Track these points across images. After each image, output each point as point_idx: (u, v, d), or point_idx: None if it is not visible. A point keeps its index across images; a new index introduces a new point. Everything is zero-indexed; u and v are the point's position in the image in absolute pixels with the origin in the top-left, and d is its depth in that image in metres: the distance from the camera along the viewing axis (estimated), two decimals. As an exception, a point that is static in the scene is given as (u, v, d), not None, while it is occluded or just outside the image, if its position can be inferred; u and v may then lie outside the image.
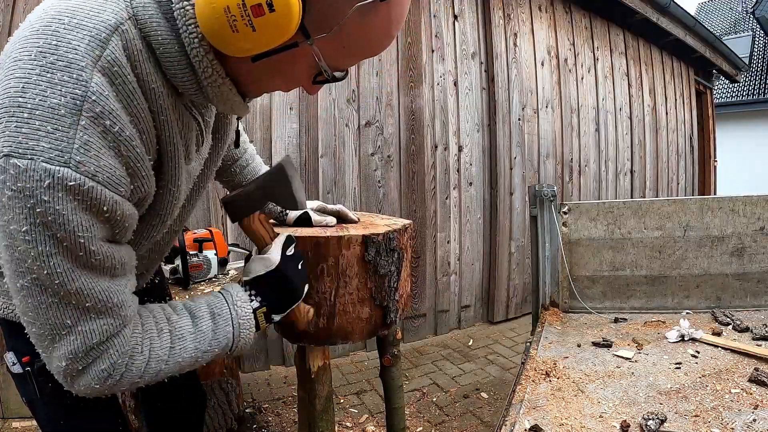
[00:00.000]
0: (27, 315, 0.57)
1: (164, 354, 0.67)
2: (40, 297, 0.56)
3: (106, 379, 0.62)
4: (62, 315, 0.57)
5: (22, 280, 0.55)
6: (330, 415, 1.02)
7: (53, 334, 0.58)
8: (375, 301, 0.94)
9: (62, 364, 0.59)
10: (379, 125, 3.14)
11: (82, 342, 0.59)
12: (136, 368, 0.64)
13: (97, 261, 0.57)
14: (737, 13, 17.58)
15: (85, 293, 0.58)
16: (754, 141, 13.41)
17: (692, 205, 1.95)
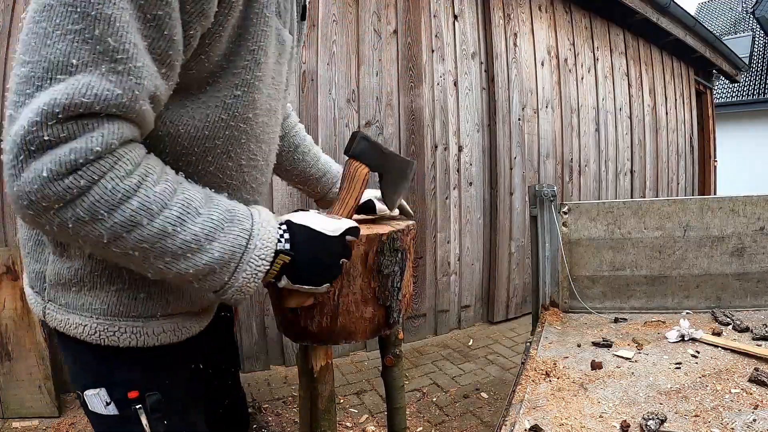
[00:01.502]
0: (27, 48, 0.47)
1: (154, 203, 0.52)
2: (61, 18, 0.46)
3: (66, 174, 0.47)
4: (72, 50, 0.47)
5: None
6: (332, 414, 1.02)
7: (44, 77, 0.46)
8: (378, 301, 0.95)
9: (28, 120, 0.45)
10: (379, 125, 3.14)
11: (71, 92, 0.46)
12: (112, 189, 0.49)
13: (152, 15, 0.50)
14: (737, 13, 17.59)
15: (117, 30, 0.48)
16: (754, 141, 13.42)
17: (692, 205, 1.96)
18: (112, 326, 0.64)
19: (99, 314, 0.64)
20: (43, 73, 0.46)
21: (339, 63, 2.95)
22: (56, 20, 0.46)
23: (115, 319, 0.65)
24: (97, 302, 0.64)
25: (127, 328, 0.65)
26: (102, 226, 0.50)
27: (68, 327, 0.65)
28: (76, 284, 0.64)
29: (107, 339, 0.65)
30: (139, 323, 0.66)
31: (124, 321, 0.65)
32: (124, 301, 0.65)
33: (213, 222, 0.56)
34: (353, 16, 3.01)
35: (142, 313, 0.66)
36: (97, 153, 0.48)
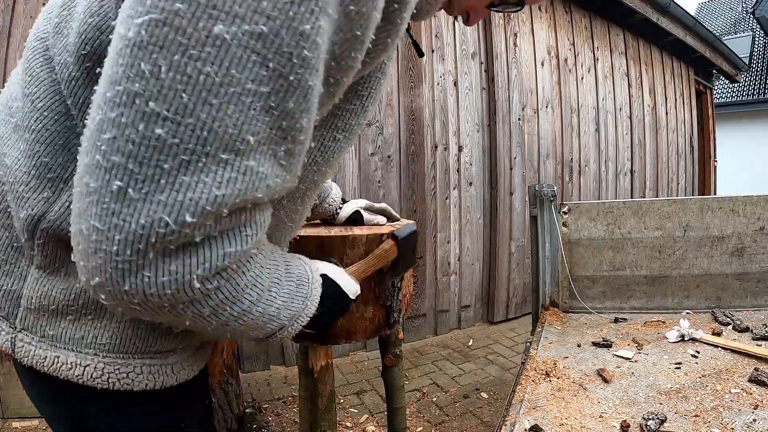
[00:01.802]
0: (168, 95, 0.33)
1: (264, 290, 0.47)
2: (241, 70, 0.34)
3: (216, 275, 0.39)
4: (248, 121, 0.35)
5: (226, 25, 0.33)
6: (332, 414, 1.02)
7: (199, 153, 0.34)
8: (379, 301, 0.94)
9: (175, 218, 0.34)
10: (379, 125, 3.14)
11: (245, 186, 0.36)
12: (244, 283, 0.43)
13: (335, 79, 0.41)
14: (737, 13, 17.59)
15: (310, 106, 0.38)
16: (754, 141, 13.42)
17: (692, 205, 1.96)
18: (126, 366, 0.51)
19: (107, 351, 0.50)
20: (197, 145, 0.34)
21: (339, 63, 2.95)
22: (231, 69, 0.34)
23: (129, 356, 0.51)
24: (104, 335, 0.50)
25: (144, 368, 0.52)
26: (216, 319, 0.43)
27: (56, 367, 0.50)
28: (73, 311, 0.50)
29: (118, 383, 0.51)
30: (157, 360, 0.53)
31: (140, 358, 0.52)
32: (141, 334, 0.51)
33: (289, 295, 0.53)
34: (353, 16, 3.01)
35: (161, 348, 0.53)
36: (246, 252, 0.41)
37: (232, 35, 0.33)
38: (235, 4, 0.33)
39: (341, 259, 0.91)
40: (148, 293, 0.37)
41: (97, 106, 0.35)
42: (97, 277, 0.37)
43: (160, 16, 0.32)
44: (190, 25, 0.32)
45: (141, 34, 0.33)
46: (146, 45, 0.33)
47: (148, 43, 0.33)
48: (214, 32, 0.32)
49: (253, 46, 0.34)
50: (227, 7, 0.32)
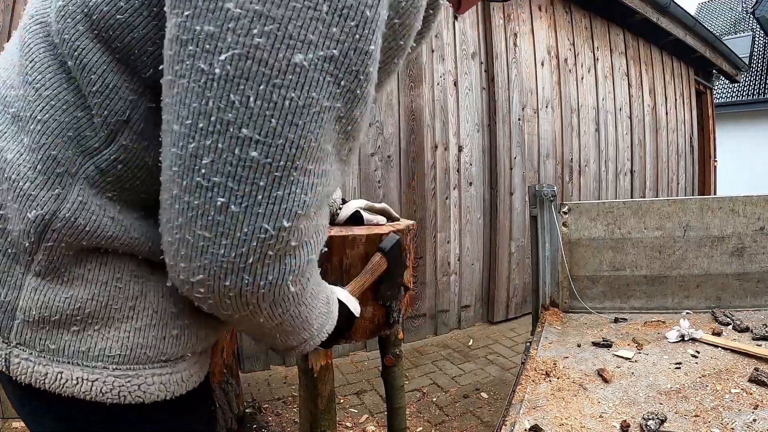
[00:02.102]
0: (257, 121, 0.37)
1: (310, 296, 0.51)
2: (318, 91, 0.38)
3: (300, 276, 0.44)
4: (325, 133, 0.40)
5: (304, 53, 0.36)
6: (332, 414, 1.02)
7: (289, 168, 0.38)
8: (378, 301, 0.95)
9: (280, 225, 0.39)
10: (379, 125, 3.14)
11: (323, 187, 0.41)
12: (308, 287, 0.48)
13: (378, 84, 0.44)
14: (737, 13, 17.59)
15: (368, 110, 0.43)
16: (754, 141, 13.42)
17: (692, 205, 1.96)
18: (137, 377, 0.49)
19: (117, 363, 0.48)
20: (287, 161, 0.38)
21: (339, 63, 2.95)
22: (311, 92, 0.37)
23: (140, 367, 0.49)
24: (114, 346, 0.48)
25: (155, 377, 0.50)
26: (277, 319, 0.47)
27: (59, 383, 0.47)
28: (78, 321, 0.47)
29: (129, 396, 0.48)
30: (168, 369, 0.52)
31: (150, 368, 0.50)
32: (151, 342, 0.50)
33: (320, 309, 0.57)
34: (353, 16, 3.01)
35: (172, 355, 0.52)
36: (315, 246, 0.44)
37: (309, 61, 0.37)
38: (309, 32, 0.36)
39: (341, 259, 0.91)
40: (244, 290, 0.41)
41: (184, 134, 0.39)
42: (200, 274, 0.41)
43: (243, 51, 0.36)
44: (271, 56, 0.36)
45: (227, 68, 0.36)
46: (233, 78, 0.36)
47: (235, 77, 0.36)
48: (294, 61, 0.36)
49: (327, 69, 0.38)
50: (302, 36, 0.36)
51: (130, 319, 0.49)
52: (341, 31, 0.37)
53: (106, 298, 0.48)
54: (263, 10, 0.35)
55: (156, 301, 0.51)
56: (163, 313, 0.51)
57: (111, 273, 0.49)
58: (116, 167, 0.47)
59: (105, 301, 0.48)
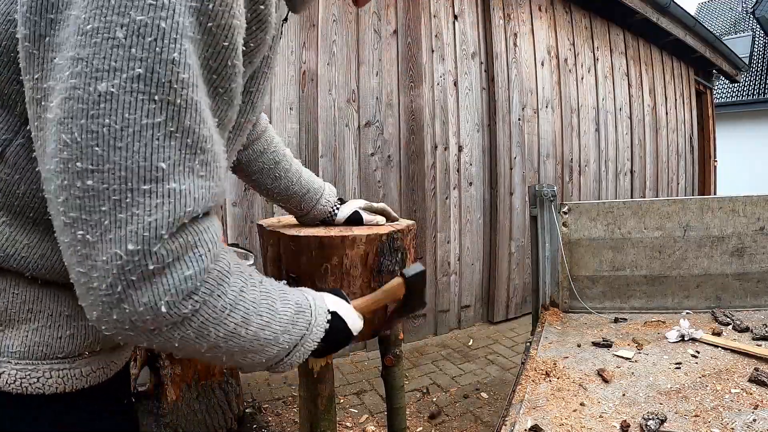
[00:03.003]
0: (86, 152, 0.39)
1: (252, 313, 0.52)
2: (132, 112, 0.39)
3: (186, 297, 0.44)
4: (155, 150, 0.40)
5: (109, 81, 0.38)
6: (332, 415, 1.02)
7: (124, 190, 0.40)
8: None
9: (124, 250, 0.40)
10: (379, 125, 3.14)
11: (172, 206, 0.41)
12: (221, 306, 0.48)
13: (224, 88, 0.46)
14: (737, 13, 17.59)
15: (203, 116, 0.43)
16: (754, 141, 13.42)
17: (692, 205, 1.96)
18: (36, 371, 0.55)
19: (18, 358, 0.54)
20: (120, 184, 0.40)
21: (339, 63, 2.95)
22: (124, 114, 0.39)
23: (38, 362, 0.55)
24: (15, 343, 0.54)
25: (53, 372, 0.57)
26: (205, 342, 0.48)
27: None
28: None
29: (30, 387, 0.55)
30: (65, 365, 0.58)
31: (48, 364, 0.56)
32: (47, 341, 0.56)
33: (288, 319, 0.58)
34: (353, 16, 3.01)
35: (68, 353, 0.58)
36: (207, 262, 0.45)
37: (117, 86, 0.39)
38: (111, 60, 0.39)
39: (341, 259, 0.91)
40: (132, 320, 0.43)
41: (47, 180, 0.43)
42: (95, 312, 0.43)
43: (65, 94, 0.39)
44: (85, 91, 0.39)
45: (57, 112, 0.40)
46: (62, 120, 0.40)
47: (64, 118, 0.40)
48: (102, 90, 0.39)
49: (137, 88, 0.39)
50: (106, 66, 0.39)
51: (28, 320, 0.55)
52: (142, 50, 0.39)
53: (5, 303, 0.54)
54: (74, 54, 0.39)
55: (50, 305, 0.56)
56: (57, 316, 0.57)
57: (8, 281, 0.54)
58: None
59: (5, 306, 0.54)
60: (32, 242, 0.54)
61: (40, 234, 0.54)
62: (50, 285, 0.56)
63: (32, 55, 0.43)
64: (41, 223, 0.54)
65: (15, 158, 0.51)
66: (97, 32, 0.38)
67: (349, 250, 0.90)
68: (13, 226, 0.53)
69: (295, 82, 2.80)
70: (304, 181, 1.04)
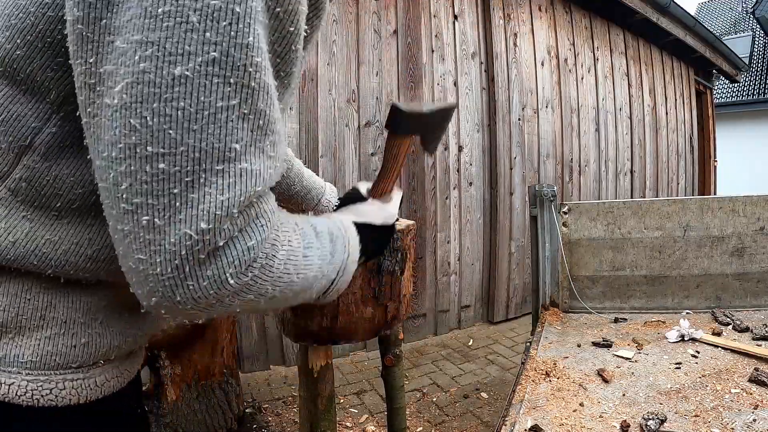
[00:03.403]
0: (158, 135, 0.39)
1: (300, 259, 0.52)
2: (207, 95, 0.39)
3: (248, 267, 0.44)
4: (230, 132, 0.41)
5: (183, 65, 0.39)
6: (332, 414, 1.02)
7: (197, 171, 0.40)
8: (378, 301, 0.95)
9: (196, 228, 0.40)
10: (379, 125, 3.14)
11: (244, 186, 0.42)
12: (277, 265, 0.48)
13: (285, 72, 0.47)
14: (737, 13, 17.59)
15: (273, 99, 0.44)
16: (754, 141, 13.42)
17: (692, 205, 1.96)
18: (48, 382, 0.52)
19: (29, 368, 0.51)
20: (193, 166, 0.40)
21: (339, 63, 2.95)
22: (200, 97, 0.39)
23: (51, 372, 0.53)
24: (26, 353, 0.51)
25: (66, 383, 0.54)
26: (264, 298, 0.48)
27: None
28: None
29: (42, 399, 0.52)
30: (80, 375, 0.55)
31: (61, 374, 0.53)
32: (61, 350, 0.53)
33: (326, 251, 0.58)
34: (353, 16, 3.01)
35: (83, 362, 0.55)
36: (267, 231, 0.45)
37: (192, 70, 0.39)
38: (185, 44, 0.39)
39: None
40: (196, 298, 0.43)
41: (104, 168, 0.42)
42: (153, 298, 0.43)
43: (133, 79, 0.39)
44: (157, 76, 0.39)
45: (123, 97, 0.39)
46: (130, 105, 0.39)
47: (131, 102, 0.39)
48: (176, 74, 0.39)
49: (212, 72, 0.40)
50: (180, 50, 0.39)
51: (40, 328, 0.52)
52: (216, 34, 0.39)
53: (16, 309, 0.51)
54: (142, 38, 0.39)
55: (65, 311, 0.54)
56: (72, 323, 0.54)
57: (20, 285, 0.52)
58: (22, 186, 0.50)
59: (16, 312, 0.51)
60: (55, 237, 0.52)
61: (63, 228, 0.52)
62: (68, 287, 0.54)
63: (86, 38, 0.42)
64: (67, 215, 0.52)
65: (45, 147, 0.50)
66: (169, 16, 0.38)
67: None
68: (34, 221, 0.51)
69: (295, 82, 2.80)
70: (306, 182, 1.04)
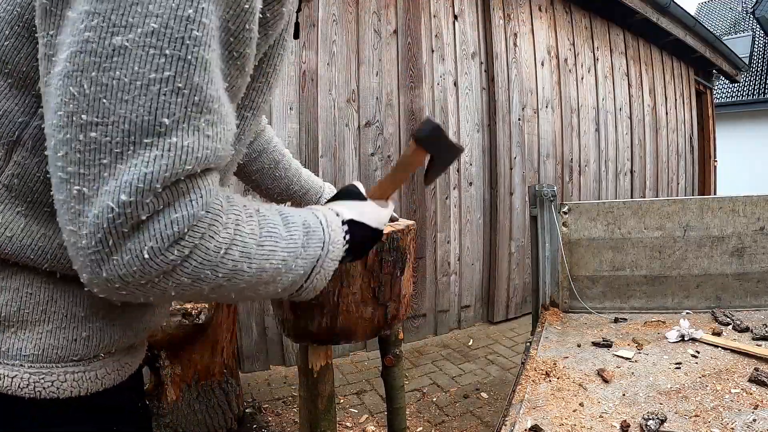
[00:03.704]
0: (92, 104, 0.39)
1: (251, 246, 0.50)
2: (141, 65, 0.39)
3: (172, 244, 0.42)
4: (160, 106, 0.40)
5: (124, 36, 0.39)
6: (332, 414, 1.02)
7: (125, 143, 0.40)
8: (378, 301, 0.95)
9: (118, 201, 0.40)
10: (379, 125, 3.14)
11: (170, 161, 0.41)
12: (214, 248, 0.46)
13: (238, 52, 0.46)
14: (737, 13, 17.59)
15: (212, 76, 0.43)
16: (754, 141, 13.42)
17: (692, 205, 1.96)
18: (50, 375, 0.53)
19: (31, 361, 0.52)
20: (123, 137, 0.40)
21: (339, 63, 2.95)
22: (134, 67, 0.39)
23: (52, 365, 0.54)
24: (28, 346, 0.52)
25: (67, 375, 0.55)
26: (205, 284, 0.47)
27: None
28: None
29: (44, 391, 0.53)
30: (80, 368, 0.56)
31: (62, 367, 0.54)
32: (62, 343, 0.54)
33: (296, 243, 0.56)
34: (353, 16, 3.01)
35: (84, 356, 0.56)
36: (197, 208, 0.44)
37: (131, 41, 0.39)
38: (128, 15, 0.39)
39: None
40: (121, 274, 0.42)
41: (49, 135, 0.42)
42: (84, 273, 0.43)
43: (77, 48, 0.40)
44: (99, 45, 0.39)
45: (66, 65, 0.40)
46: (71, 73, 0.40)
47: (73, 71, 0.40)
48: (116, 44, 0.39)
49: (149, 43, 0.40)
50: (123, 21, 0.39)
51: (42, 322, 0.53)
52: (159, 6, 0.39)
53: (18, 303, 0.52)
54: (90, 8, 0.39)
55: (65, 305, 0.55)
56: (72, 317, 0.55)
57: (21, 280, 0.53)
58: (14, 182, 0.51)
59: (18, 306, 0.52)
60: (50, 231, 0.52)
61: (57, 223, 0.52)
62: (66, 281, 0.54)
63: (49, 12, 0.43)
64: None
65: (33, 141, 0.50)
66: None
67: (348, 250, 0.90)
68: (29, 216, 0.52)
69: (295, 82, 2.80)
70: (304, 181, 1.04)
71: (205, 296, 0.50)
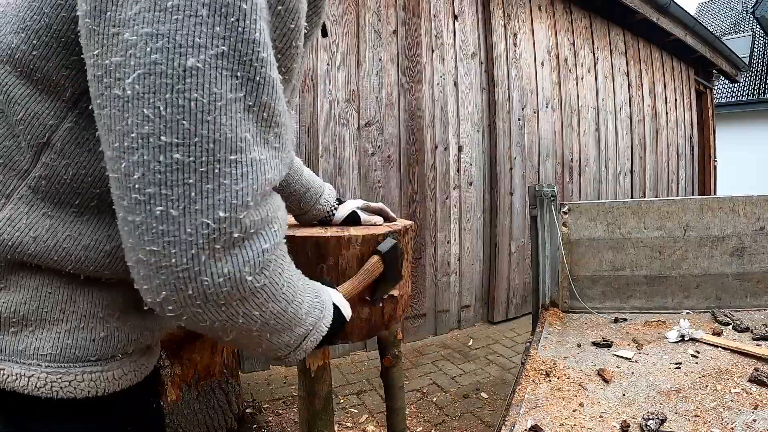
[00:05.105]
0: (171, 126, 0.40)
1: (295, 285, 0.53)
2: (219, 87, 0.41)
3: (262, 269, 0.45)
4: (239, 123, 0.42)
5: (195, 57, 0.40)
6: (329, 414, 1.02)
7: (210, 161, 0.41)
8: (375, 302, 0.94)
9: (216, 216, 0.41)
10: (379, 125, 3.14)
11: (255, 175, 0.43)
12: (281, 281, 0.49)
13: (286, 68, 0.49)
14: (737, 13, 17.58)
15: (278, 92, 0.45)
16: (754, 141, 13.41)
17: (692, 205, 1.96)
18: (67, 375, 0.53)
19: (49, 361, 0.52)
20: (208, 156, 0.41)
21: (339, 63, 2.95)
22: (212, 89, 0.40)
23: (70, 365, 0.54)
24: (46, 345, 0.53)
25: (85, 375, 0.55)
26: (261, 318, 0.49)
27: (2, 379, 0.52)
28: (15, 323, 0.52)
29: (61, 391, 0.53)
30: (98, 368, 0.56)
31: (80, 367, 0.54)
32: (80, 343, 0.54)
33: (311, 302, 0.59)
34: (353, 16, 3.01)
35: (101, 356, 0.56)
36: (279, 246, 0.47)
37: (202, 62, 0.40)
38: (195, 37, 0.40)
39: (337, 259, 0.91)
40: (208, 293, 0.43)
41: (114, 158, 0.42)
42: (163, 291, 0.43)
43: (145, 70, 0.40)
44: (168, 67, 0.40)
45: (135, 88, 0.40)
46: (143, 95, 0.40)
47: (144, 93, 0.40)
48: (188, 65, 0.40)
49: (221, 65, 0.41)
50: (190, 42, 0.40)
51: (61, 321, 0.53)
52: (225, 29, 0.41)
53: (37, 303, 0.52)
54: (152, 30, 0.39)
55: (84, 305, 0.55)
56: (91, 317, 0.55)
57: (41, 279, 0.53)
58: (41, 183, 0.51)
59: (37, 305, 0.52)
60: (75, 233, 0.52)
61: (83, 225, 0.53)
62: (87, 283, 0.54)
63: (93, 31, 0.43)
64: (86, 212, 0.53)
65: (62, 143, 0.51)
66: (178, 9, 0.39)
67: (344, 250, 0.90)
68: (54, 218, 0.52)
69: (294, 82, 2.80)
70: (305, 180, 1.04)
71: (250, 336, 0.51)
